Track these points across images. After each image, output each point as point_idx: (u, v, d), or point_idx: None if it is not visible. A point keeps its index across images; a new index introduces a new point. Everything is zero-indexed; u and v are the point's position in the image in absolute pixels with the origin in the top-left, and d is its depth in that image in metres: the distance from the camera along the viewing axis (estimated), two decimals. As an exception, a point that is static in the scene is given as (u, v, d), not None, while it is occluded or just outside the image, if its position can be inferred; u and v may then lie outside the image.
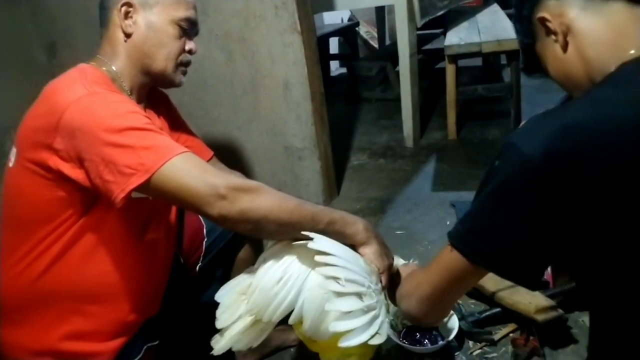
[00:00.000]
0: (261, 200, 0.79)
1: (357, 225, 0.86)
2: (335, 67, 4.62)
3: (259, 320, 0.81)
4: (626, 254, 0.57)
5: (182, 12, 0.99)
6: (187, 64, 1.05)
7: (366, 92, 3.45)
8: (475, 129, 2.56)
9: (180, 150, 0.80)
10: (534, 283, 0.61)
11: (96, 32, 1.02)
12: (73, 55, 1.51)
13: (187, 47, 1.03)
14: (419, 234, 1.65)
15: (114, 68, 0.97)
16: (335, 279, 0.78)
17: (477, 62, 3.56)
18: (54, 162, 0.83)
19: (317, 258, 0.78)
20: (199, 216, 1.23)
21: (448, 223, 1.68)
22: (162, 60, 0.99)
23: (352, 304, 0.77)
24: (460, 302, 1.16)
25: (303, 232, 0.80)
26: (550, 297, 1.08)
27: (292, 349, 1.30)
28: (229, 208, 0.77)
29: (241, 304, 0.83)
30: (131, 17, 0.97)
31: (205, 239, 1.23)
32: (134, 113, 0.84)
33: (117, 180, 0.78)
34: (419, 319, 0.75)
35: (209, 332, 0.84)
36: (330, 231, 0.83)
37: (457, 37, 2.40)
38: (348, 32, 4.33)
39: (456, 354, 1.04)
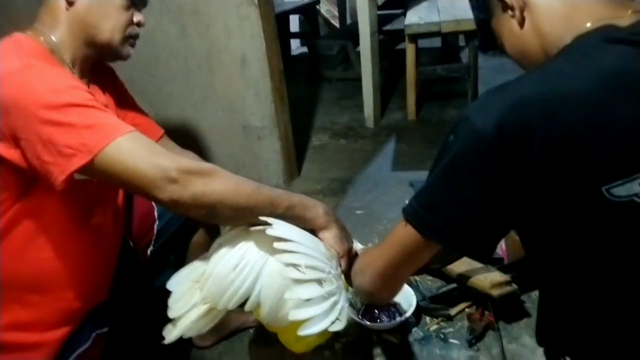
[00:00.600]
0: (216, 183, 0.75)
1: (317, 210, 0.84)
2: (295, 46, 4.54)
3: (213, 308, 0.78)
4: (575, 226, 0.57)
5: None
6: (135, 36, 0.98)
7: (327, 72, 3.42)
8: (434, 110, 2.59)
9: (126, 130, 0.75)
10: (486, 256, 0.62)
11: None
12: (11, 24, 1.39)
13: (135, 19, 0.96)
14: (379, 213, 1.66)
15: (53, 38, 0.89)
16: (295, 266, 0.75)
17: (437, 42, 3.58)
18: None
19: (276, 245, 0.75)
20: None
21: (407, 202, 1.69)
22: (108, 31, 0.92)
23: (312, 291, 0.75)
24: (418, 279, 1.18)
25: (261, 218, 0.77)
26: (505, 272, 1.10)
27: (251, 330, 1.28)
28: (180, 192, 0.72)
29: (195, 292, 0.79)
30: None
31: (157, 222, 1.18)
32: (74, 88, 0.77)
33: (57, 162, 0.72)
34: (372, 295, 0.74)
35: (161, 319, 0.81)
36: (290, 216, 0.80)
37: (416, 16, 2.39)
38: (308, 10, 4.26)
39: (413, 329, 1.05)
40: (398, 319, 1.06)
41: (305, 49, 4.09)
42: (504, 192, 0.57)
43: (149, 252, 1.18)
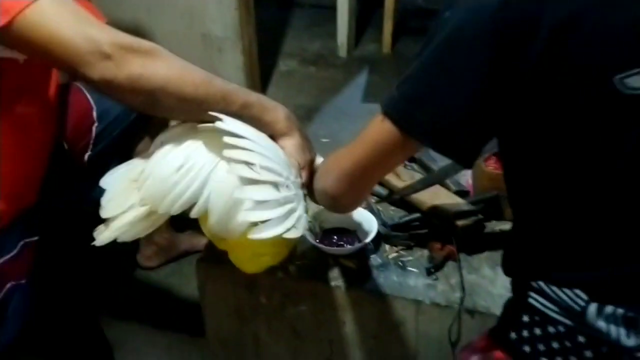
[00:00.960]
0: (157, 65, 0.65)
1: (277, 112, 0.75)
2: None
3: (154, 211, 0.69)
4: (575, 125, 0.50)
5: None
6: None
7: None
8: (411, 44, 2.47)
9: None
10: (469, 160, 0.54)
11: None
12: None
13: None
14: (345, 142, 1.57)
15: None
16: (249, 164, 0.66)
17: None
18: None
19: (227, 139, 0.66)
20: (88, 96, 1.04)
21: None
22: None
23: (267, 193, 0.66)
24: (380, 207, 1.12)
25: (211, 113, 0.67)
26: (471, 204, 1.06)
27: (200, 254, 1.21)
28: (114, 71, 0.62)
29: (132, 192, 0.71)
30: None
31: (96, 124, 1.05)
32: None
33: None
34: (334, 199, 0.66)
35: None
36: (245, 115, 0.71)
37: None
38: None
39: (372, 256, 1.01)
40: (357, 244, 1.01)
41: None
42: (500, 82, 0.49)
43: (86, 157, 1.05)
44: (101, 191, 0.73)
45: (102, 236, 0.70)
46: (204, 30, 1.62)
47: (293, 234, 0.69)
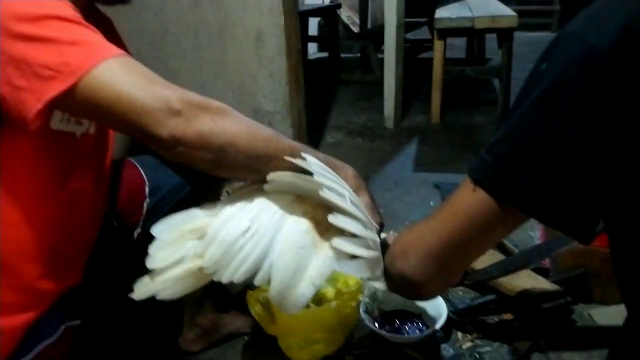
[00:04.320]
0: (226, 122, 0.63)
1: (347, 171, 0.71)
2: (313, 51, 4.46)
3: (203, 269, 0.64)
4: None
5: None
6: None
7: (345, 74, 3.31)
8: (459, 115, 2.43)
9: (118, 52, 0.61)
10: (587, 233, 0.44)
11: None
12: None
13: None
14: (400, 213, 1.50)
15: None
16: (339, 194, 0.62)
17: (461, 53, 3.46)
18: None
19: (314, 168, 0.62)
20: (141, 171, 1.03)
21: (432, 204, 1.54)
22: None
23: (358, 227, 0.61)
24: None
25: (287, 158, 0.65)
26: (555, 284, 0.93)
27: (246, 337, 1.11)
28: (184, 128, 0.60)
29: (186, 243, 0.65)
30: None
31: (147, 200, 1.02)
32: (59, 2, 0.63)
33: (32, 87, 0.59)
34: (416, 286, 0.55)
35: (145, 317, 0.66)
36: None
37: (447, 12, 2.25)
38: (329, 14, 4.18)
39: (442, 345, 0.88)
40: (424, 331, 0.89)
41: (322, 55, 4.00)
42: (619, 135, 0.40)
43: (135, 234, 1.02)
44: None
45: (143, 289, 0.64)
46: (255, 105, 1.64)
47: (380, 285, 0.62)
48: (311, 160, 0.64)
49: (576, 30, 0.42)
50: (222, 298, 0.67)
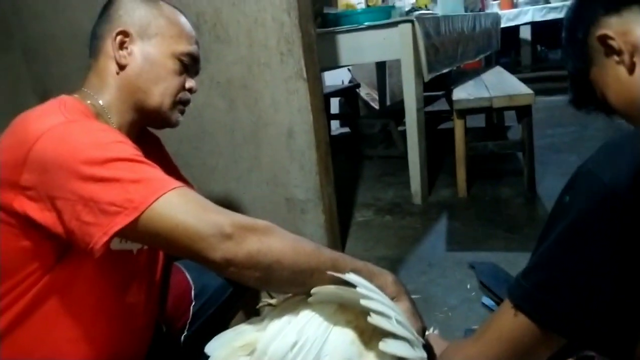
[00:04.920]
0: (272, 240, 0.67)
1: (385, 277, 0.74)
2: (335, 127, 4.62)
3: None
4: None
5: (184, 46, 0.89)
6: (186, 102, 0.94)
7: (368, 150, 3.40)
8: (486, 187, 2.45)
9: (175, 184, 0.68)
10: (626, 354, 0.46)
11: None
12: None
13: (187, 85, 0.92)
14: (437, 298, 1.49)
15: (100, 102, 0.86)
16: (386, 316, 0.64)
17: (480, 122, 3.53)
18: (20, 203, 0.69)
19: (360, 290, 0.65)
20: (187, 275, 1.08)
21: (468, 286, 1.53)
22: (159, 95, 0.88)
23: (406, 349, 0.62)
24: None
25: (330, 273, 0.69)
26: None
27: None
28: (235, 250, 0.65)
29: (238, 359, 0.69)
30: (127, 47, 0.87)
31: (193, 303, 1.06)
32: (120, 143, 0.72)
33: (99, 222, 0.65)
34: None
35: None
36: None
37: (465, 92, 2.36)
38: (349, 93, 4.37)
39: None
40: None
41: (344, 130, 4.12)
42: None
43: (182, 337, 1.05)
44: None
45: None
46: (287, 194, 1.71)
47: None
48: (353, 274, 0.68)
49: (593, 169, 0.47)
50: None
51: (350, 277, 0.68)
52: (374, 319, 0.62)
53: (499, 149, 2.32)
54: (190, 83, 0.93)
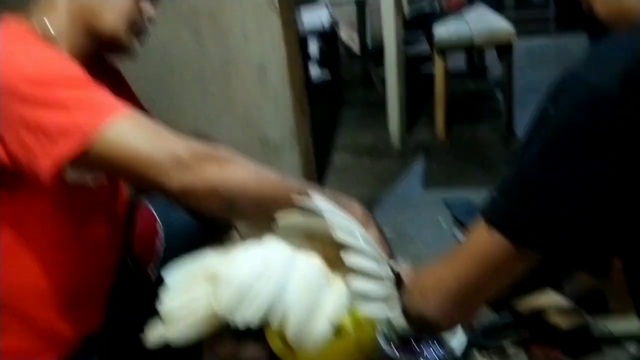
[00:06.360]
0: (233, 169, 0.65)
1: (354, 207, 0.72)
2: (315, 74, 4.52)
3: (216, 314, 0.64)
4: None
5: None
6: (142, 31, 0.86)
7: (349, 94, 3.35)
8: (464, 129, 2.44)
9: (126, 110, 0.64)
10: (602, 267, 0.45)
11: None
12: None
13: (144, 9, 0.84)
14: (412, 235, 1.52)
15: (49, 25, 0.79)
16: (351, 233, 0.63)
17: (460, 63, 3.48)
18: None
19: (323, 208, 0.63)
20: (153, 212, 1.05)
21: (444, 225, 1.55)
22: (112, 19, 0.80)
23: (371, 264, 0.62)
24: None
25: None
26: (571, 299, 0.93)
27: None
28: (192, 179, 0.62)
29: (198, 288, 0.66)
30: None
31: (161, 241, 1.04)
32: (66, 61, 0.68)
33: (45, 149, 0.62)
34: (437, 324, 0.57)
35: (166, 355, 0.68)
36: None
37: (446, 31, 2.28)
38: (329, 37, 4.24)
39: (463, 370, 0.88)
40: (443, 354, 0.89)
41: (324, 77, 4.05)
42: (632, 171, 0.41)
43: (150, 272, 1.03)
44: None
45: (156, 336, 0.65)
46: (261, 134, 1.67)
47: (397, 321, 0.64)
48: (318, 200, 0.65)
49: (578, 71, 0.43)
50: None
51: (317, 203, 0.65)
52: (339, 235, 0.60)
53: (478, 87, 2.29)
54: (148, 8, 0.85)
